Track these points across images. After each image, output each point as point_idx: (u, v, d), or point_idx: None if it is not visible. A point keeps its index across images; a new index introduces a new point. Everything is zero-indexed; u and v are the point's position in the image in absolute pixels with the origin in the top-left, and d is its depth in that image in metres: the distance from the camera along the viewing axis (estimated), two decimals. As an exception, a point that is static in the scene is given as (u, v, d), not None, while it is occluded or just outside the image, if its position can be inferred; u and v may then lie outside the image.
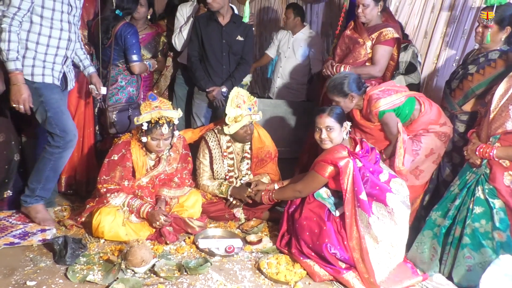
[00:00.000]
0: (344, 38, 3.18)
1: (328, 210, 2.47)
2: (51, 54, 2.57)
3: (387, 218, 2.30)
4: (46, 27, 2.51)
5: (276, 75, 4.28)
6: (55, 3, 2.50)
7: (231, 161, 3.06)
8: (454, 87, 2.78)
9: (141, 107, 2.64)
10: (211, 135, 3.04)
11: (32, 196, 2.72)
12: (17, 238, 2.55)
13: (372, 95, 2.71)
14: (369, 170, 2.38)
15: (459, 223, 2.35)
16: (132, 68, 3.15)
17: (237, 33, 3.43)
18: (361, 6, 2.99)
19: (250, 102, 2.95)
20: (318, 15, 4.71)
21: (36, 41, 2.50)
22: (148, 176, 2.77)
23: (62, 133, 2.61)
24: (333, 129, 2.49)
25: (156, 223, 2.59)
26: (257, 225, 2.92)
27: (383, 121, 2.72)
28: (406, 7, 3.59)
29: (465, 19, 3.26)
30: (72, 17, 2.64)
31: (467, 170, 2.44)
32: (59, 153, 2.65)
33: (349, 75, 2.74)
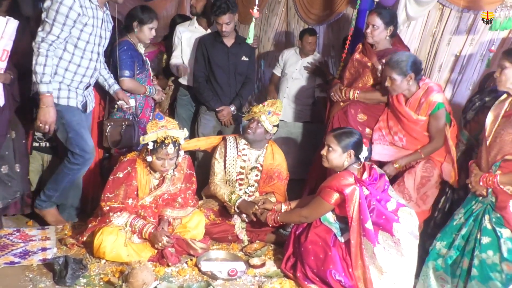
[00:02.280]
0: (353, 62, 3.15)
1: (334, 235, 2.44)
2: (77, 81, 2.74)
3: (393, 248, 2.26)
4: (77, 57, 2.69)
5: (282, 95, 4.29)
6: (90, 36, 2.67)
7: (243, 163, 3.10)
8: (469, 119, 2.75)
9: (147, 126, 2.64)
10: (231, 138, 3.15)
11: (48, 202, 2.91)
12: (18, 257, 2.52)
13: (433, 86, 2.70)
14: (376, 199, 2.35)
15: (467, 254, 2.29)
16: (121, 83, 3.09)
17: (242, 53, 3.50)
18: (371, 27, 2.96)
19: (274, 109, 3.02)
20: (318, 37, 4.74)
21: (65, 68, 2.67)
22: (152, 195, 2.75)
23: (82, 152, 2.79)
24: (333, 150, 2.49)
25: (158, 244, 2.57)
26: (261, 247, 2.89)
27: (437, 115, 2.68)
28: (405, 30, 3.60)
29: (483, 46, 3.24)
30: (102, 48, 2.82)
31: (472, 199, 2.39)
32: (77, 169, 2.85)
33: (411, 56, 2.72)
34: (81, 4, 2.55)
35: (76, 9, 2.53)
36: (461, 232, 2.32)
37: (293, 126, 4.21)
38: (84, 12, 2.58)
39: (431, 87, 2.70)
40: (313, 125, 4.24)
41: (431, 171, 2.77)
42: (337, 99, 3.13)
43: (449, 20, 3.34)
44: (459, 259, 2.33)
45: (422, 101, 2.70)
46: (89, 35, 2.67)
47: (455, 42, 3.33)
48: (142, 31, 3.12)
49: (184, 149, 2.88)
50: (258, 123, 2.99)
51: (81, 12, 2.56)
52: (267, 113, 2.99)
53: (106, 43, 2.87)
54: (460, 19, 3.28)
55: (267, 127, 3.00)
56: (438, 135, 2.72)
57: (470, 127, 2.72)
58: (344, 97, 3.07)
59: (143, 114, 3.29)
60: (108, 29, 2.84)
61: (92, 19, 2.64)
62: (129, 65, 3.08)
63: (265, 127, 3.00)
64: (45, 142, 3.11)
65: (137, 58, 3.16)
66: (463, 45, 3.29)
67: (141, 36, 3.14)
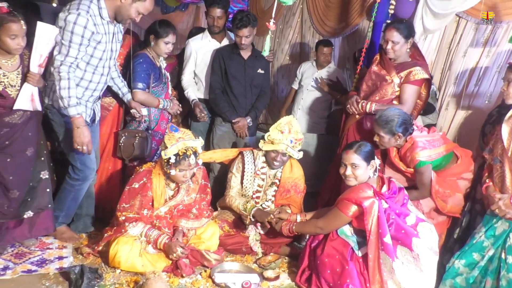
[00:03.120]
0: (370, 74, 3.11)
1: (351, 249, 2.41)
2: (87, 95, 2.75)
3: (412, 264, 2.22)
4: (89, 73, 2.70)
5: (296, 107, 4.29)
6: (103, 53, 2.68)
7: (261, 181, 3.09)
8: (487, 132, 2.71)
9: (165, 140, 2.65)
10: (248, 153, 3.13)
11: (55, 222, 2.86)
12: (35, 265, 2.56)
13: (418, 142, 2.67)
14: (395, 212, 2.32)
15: (490, 274, 2.22)
16: (133, 94, 3.10)
17: (258, 66, 3.53)
18: (390, 43, 2.92)
19: (295, 136, 2.97)
20: (334, 49, 4.75)
21: (77, 84, 2.65)
22: (167, 206, 2.76)
23: (82, 166, 2.79)
24: (358, 166, 2.45)
25: (173, 255, 2.57)
26: (275, 260, 2.86)
27: (419, 171, 2.68)
28: (421, 43, 3.58)
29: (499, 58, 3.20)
30: (112, 61, 2.83)
31: (492, 217, 2.31)
32: (78, 185, 2.84)
33: (401, 114, 2.68)
34: (94, 22, 2.54)
35: (90, 28, 2.52)
36: (489, 252, 2.24)
37: (310, 137, 4.19)
38: (98, 30, 2.57)
39: (416, 143, 2.67)
40: (328, 137, 4.22)
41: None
42: (353, 112, 3.10)
43: (465, 31, 3.32)
44: (479, 278, 2.26)
45: (407, 155, 2.70)
46: (102, 52, 2.67)
47: (471, 53, 3.30)
48: (158, 45, 3.14)
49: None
50: (283, 154, 2.96)
51: (94, 30, 2.55)
52: (289, 142, 2.93)
53: (117, 55, 2.88)
54: (477, 30, 3.25)
55: (293, 155, 2.98)
56: (422, 187, 2.72)
57: (488, 140, 2.67)
58: (361, 110, 3.05)
59: (158, 127, 3.28)
60: (118, 41, 2.83)
61: (104, 36, 2.64)
62: (142, 77, 3.09)
63: (292, 155, 2.98)
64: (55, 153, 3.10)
65: (154, 71, 3.18)
66: (479, 57, 3.26)
67: (157, 50, 3.17)
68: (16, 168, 2.58)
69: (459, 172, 2.79)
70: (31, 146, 2.64)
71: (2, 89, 2.46)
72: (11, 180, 2.56)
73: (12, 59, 2.50)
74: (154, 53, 3.20)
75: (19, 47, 2.43)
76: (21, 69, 2.53)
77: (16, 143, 2.56)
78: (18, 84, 2.51)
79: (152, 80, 3.16)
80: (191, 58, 3.59)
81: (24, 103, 2.52)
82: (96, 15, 2.57)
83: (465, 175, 2.79)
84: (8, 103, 2.50)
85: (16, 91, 2.50)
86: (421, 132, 2.76)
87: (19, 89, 2.51)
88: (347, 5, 4.31)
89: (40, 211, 2.73)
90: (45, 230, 2.80)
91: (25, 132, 2.60)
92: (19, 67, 2.53)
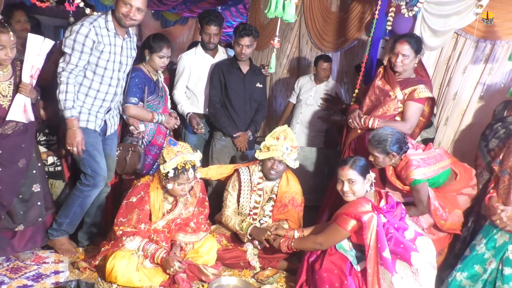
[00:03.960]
0: (374, 89, 3.10)
1: (350, 263, 2.40)
2: (97, 105, 2.81)
3: (411, 278, 2.21)
4: (97, 82, 2.76)
5: (295, 121, 4.31)
6: (107, 63, 2.74)
7: (258, 197, 3.07)
8: (492, 147, 2.70)
9: (164, 154, 2.65)
10: (244, 169, 3.11)
11: (58, 230, 2.91)
12: (31, 280, 2.53)
13: (412, 160, 2.66)
14: (394, 227, 2.32)
15: (489, 285, 2.23)
16: (125, 109, 3.10)
17: (256, 80, 3.56)
18: (400, 56, 2.89)
19: (291, 143, 2.97)
20: (332, 64, 4.80)
21: (86, 94, 2.75)
22: (164, 219, 2.75)
23: (93, 173, 2.83)
24: (355, 182, 2.45)
25: (170, 270, 2.55)
26: (273, 275, 2.84)
27: (415, 188, 2.68)
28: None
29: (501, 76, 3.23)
30: (122, 73, 2.88)
31: (492, 228, 2.33)
32: (88, 191, 2.87)
33: (393, 133, 2.68)
34: (96, 32, 2.64)
35: (91, 37, 2.62)
36: (491, 265, 2.24)
37: (309, 151, 4.20)
38: (100, 40, 2.66)
39: (410, 161, 2.67)
40: (328, 150, 4.23)
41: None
42: (355, 126, 3.08)
43: (464, 48, 3.34)
44: None
45: (403, 173, 2.71)
46: (107, 62, 2.74)
47: (471, 70, 3.30)
48: (152, 60, 3.15)
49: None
50: (280, 162, 2.96)
51: (96, 40, 2.64)
52: (285, 149, 2.93)
53: (128, 69, 2.93)
54: (476, 48, 3.27)
55: (290, 164, 2.97)
56: (420, 204, 2.72)
57: (495, 154, 2.67)
58: (363, 125, 3.02)
59: (154, 141, 3.27)
60: (130, 56, 2.90)
61: (109, 46, 2.71)
62: (134, 92, 3.08)
63: (288, 164, 2.97)
64: (53, 167, 3.12)
65: (149, 85, 3.17)
66: (480, 74, 3.27)
67: (152, 64, 3.18)
68: (6, 178, 2.56)
69: (459, 188, 2.79)
70: (23, 158, 2.63)
71: None
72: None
73: (4, 69, 2.52)
74: (150, 67, 3.20)
75: (7, 58, 2.45)
76: (13, 80, 2.55)
77: (8, 154, 2.55)
78: (10, 94, 2.52)
79: (146, 94, 3.16)
80: (184, 73, 3.59)
81: (17, 114, 2.53)
82: (102, 27, 2.68)
83: (465, 191, 2.79)
84: (0, 114, 2.50)
85: (8, 102, 2.51)
86: (416, 150, 2.76)
87: (11, 100, 2.51)
88: (345, 20, 4.36)
89: (31, 225, 2.72)
90: (33, 244, 2.79)
91: (18, 143, 2.59)
92: (11, 78, 2.54)
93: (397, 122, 2.97)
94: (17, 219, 2.64)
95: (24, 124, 2.59)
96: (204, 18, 3.47)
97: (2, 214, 2.59)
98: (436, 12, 3.25)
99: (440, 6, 3.22)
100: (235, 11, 7.72)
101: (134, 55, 2.96)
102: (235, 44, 3.42)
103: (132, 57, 2.94)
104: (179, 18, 8.97)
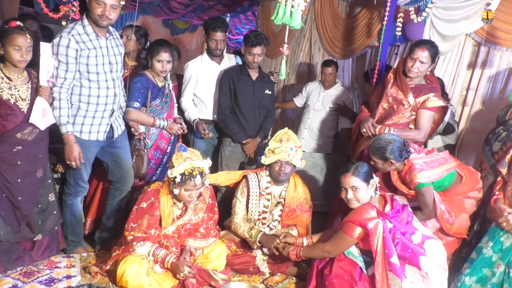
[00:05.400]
0: (387, 97, 3.08)
1: (360, 268, 2.39)
2: (101, 111, 2.82)
3: (422, 283, 2.20)
4: (95, 88, 2.76)
5: (303, 126, 4.32)
6: (97, 67, 2.74)
7: (267, 202, 3.08)
8: (496, 150, 2.69)
9: (173, 159, 2.68)
10: (252, 175, 3.13)
11: (69, 243, 3.00)
12: (43, 284, 2.57)
13: (415, 164, 2.67)
14: (400, 231, 2.31)
15: (493, 285, 2.23)
16: (127, 113, 3.13)
17: (265, 87, 3.59)
18: (418, 62, 2.88)
19: (294, 143, 2.99)
20: (344, 70, 4.81)
21: (87, 102, 2.77)
22: (174, 225, 2.77)
23: (75, 183, 2.92)
24: (358, 188, 2.44)
25: (180, 274, 2.56)
26: (282, 280, 2.85)
27: (420, 192, 2.68)
28: (439, 65, 3.61)
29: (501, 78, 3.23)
30: (115, 73, 2.87)
31: (499, 230, 2.32)
32: (70, 199, 2.95)
33: (394, 140, 2.67)
34: (77, 40, 2.62)
35: (73, 46, 2.61)
36: (500, 269, 2.23)
37: (318, 157, 4.19)
38: (83, 47, 2.64)
39: (413, 165, 2.66)
40: (335, 156, 4.22)
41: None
42: (369, 135, 3.06)
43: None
44: None
45: (407, 177, 2.71)
46: (96, 66, 2.72)
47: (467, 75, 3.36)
48: (152, 64, 3.18)
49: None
50: (287, 163, 2.98)
51: (78, 48, 2.63)
52: (290, 150, 2.96)
53: (119, 67, 2.91)
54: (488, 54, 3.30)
55: (296, 164, 2.99)
56: (425, 208, 2.70)
57: (499, 157, 2.66)
58: (378, 134, 2.98)
59: (157, 145, 3.30)
60: (118, 53, 2.88)
61: (94, 50, 2.70)
62: (136, 96, 3.12)
63: (295, 164, 2.99)
64: (57, 174, 3.18)
65: (152, 90, 3.20)
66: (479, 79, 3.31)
67: (153, 69, 3.21)
68: (26, 189, 2.63)
69: (466, 191, 2.77)
70: (40, 168, 2.70)
71: (13, 102, 2.52)
72: (19, 200, 2.60)
73: (20, 74, 2.57)
74: (154, 72, 3.23)
75: (23, 60, 2.49)
76: (30, 84, 2.60)
77: (27, 164, 2.62)
78: (28, 98, 2.57)
79: (149, 99, 3.20)
80: (191, 81, 3.62)
81: (38, 118, 2.58)
82: (81, 33, 2.66)
83: (471, 194, 2.77)
84: (19, 118, 2.55)
85: (27, 105, 2.56)
86: (419, 154, 2.75)
87: (29, 104, 2.57)
88: (356, 27, 4.38)
89: (48, 234, 2.80)
90: (49, 252, 2.86)
91: (35, 153, 2.65)
92: (28, 82, 2.60)
93: (411, 130, 3.00)
94: (35, 229, 2.71)
95: (39, 132, 2.64)
96: (210, 25, 3.50)
97: (22, 225, 2.64)
98: (445, 17, 3.26)
99: (449, 11, 3.24)
100: (244, 18, 7.77)
101: (122, 51, 2.95)
102: (246, 53, 3.44)
103: (121, 54, 2.92)
104: (188, 26, 9.05)
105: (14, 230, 2.61)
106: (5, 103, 2.49)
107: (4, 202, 2.57)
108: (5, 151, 2.54)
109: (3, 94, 2.48)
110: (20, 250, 2.71)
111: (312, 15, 5.07)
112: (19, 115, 2.54)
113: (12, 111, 2.51)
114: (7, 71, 2.52)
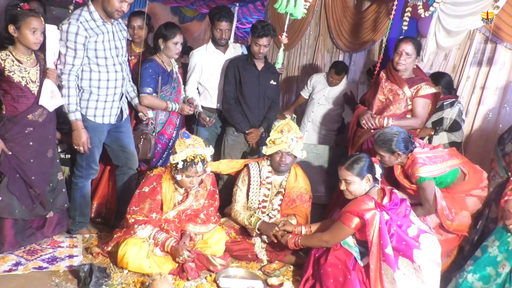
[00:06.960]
0: (383, 90, 3.20)
1: (354, 258, 2.43)
2: (111, 94, 2.88)
3: (414, 275, 2.23)
4: (104, 73, 2.82)
5: (306, 119, 4.34)
6: (105, 52, 2.79)
7: (267, 191, 3.12)
8: (508, 151, 2.66)
9: (175, 145, 2.72)
10: (254, 165, 3.16)
11: (76, 224, 3.07)
12: (46, 262, 2.63)
13: (418, 158, 2.69)
14: (397, 224, 2.34)
15: (498, 286, 2.24)
16: (140, 99, 3.19)
17: (271, 78, 3.59)
18: (404, 55, 3.02)
19: (295, 134, 3.01)
20: (355, 64, 4.80)
21: (98, 86, 2.82)
22: (175, 210, 2.82)
23: (87, 166, 2.97)
24: (351, 182, 2.49)
25: (179, 258, 2.61)
26: (280, 268, 2.88)
27: (421, 186, 2.70)
28: (439, 60, 3.61)
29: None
30: (121, 57, 2.93)
31: (505, 231, 2.32)
32: (81, 182, 3.01)
33: (400, 132, 2.72)
34: (85, 28, 2.65)
35: (81, 33, 2.64)
36: (505, 269, 2.24)
37: (322, 149, 4.20)
38: (91, 34, 2.68)
39: (416, 159, 2.69)
40: (339, 149, 4.24)
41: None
42: (369, 127, 3.16)
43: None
44: None
45: (409, 171, 2.73)
46: (104, 51, 2.76)
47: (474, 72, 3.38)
48: (167, 47, 3.21)
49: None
50: (287, 154, 3.01)
51: (87, 35, 2.67)
52: (290, 140, 2.98)
53: (124, 51, 2.96)
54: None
55: (297, 155, 3.02)
56: (426, 203, 2.72)
57: (510, 159, 2.65)
58: (378, 125, 3.11)
59: (164, 130, 3.36)
60: (121, 38, 2.92)
61: (102, 36, 2.74)
62: (148, 82, 3.17)
63: (295, 155, 3.02)
64: (65, 154, 3.24)
65: (162, 75, 3.25)
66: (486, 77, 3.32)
67: (167, 52, 3.23)
68: (39, 169, 2.71)
69: (468, 189, 2.78)
70: (50, 148, 2.77)
71: (24, 85, 2.56)
72: (33, 180, 2.68)
73: (29, 57, 2.61)
74: (164, 57, 3.27)
75: (38, 42, 2.54)
76: (38, 67, 2.64)
77: (39, 144, 2.68)
78: (38, 80, 2.62)
79: (160, 84, 3.24)
80: (196, 69, 3.63)
81: (46, 99, 2.62)
82: (89, 20, 2.69)
83: (474, 192, 2.78)
84: (30, 100, 2.60)
85: (37, 87, 2.61)
86: (423, 149, 2.77)
87: (39, 85, 2.61)
88: (366, 22, 4.38)
89: (58, 211, 2.88)
90: (61, 228, 2.95)
91: (46, 134, 2.72)
92: (36, 64, 2.64)
93: (409, 119, 3.11)
94: (47, 206, 2.80)
95: (48, 113, 2.69)
96: (216, 15, 3.52)
97: (35, 203, 2.72)
98: (452, 12, 3.26)
99: (456, 6, 3.23)
100: (252, 7, 7.75)
101: (125, 35, 3.00)
102: (252, 43, 3.44)
103: (125, 38, 2.97)
104: (196, 14, 9.03)
105: (28, 208, 2.70)
106: (16, 85, 2.54)
107: (18, 182, 2.64)
108: (18, 133, 2.60)
109: (15, 76, 2.52)
110: (33, 227, 2.80)
111: (322, 8, 5.05)
112: (30, 97, 2.59)
113: (23, 93, 2.56)
114: (17, 53, 2.56)
